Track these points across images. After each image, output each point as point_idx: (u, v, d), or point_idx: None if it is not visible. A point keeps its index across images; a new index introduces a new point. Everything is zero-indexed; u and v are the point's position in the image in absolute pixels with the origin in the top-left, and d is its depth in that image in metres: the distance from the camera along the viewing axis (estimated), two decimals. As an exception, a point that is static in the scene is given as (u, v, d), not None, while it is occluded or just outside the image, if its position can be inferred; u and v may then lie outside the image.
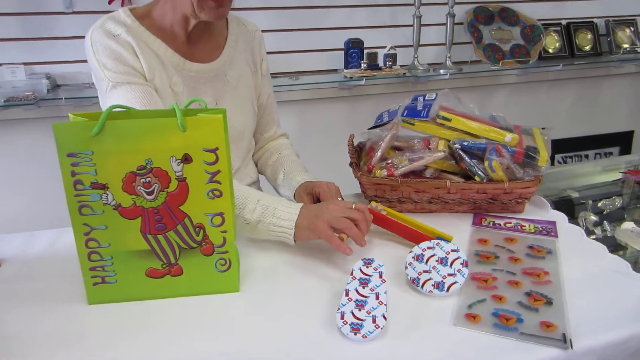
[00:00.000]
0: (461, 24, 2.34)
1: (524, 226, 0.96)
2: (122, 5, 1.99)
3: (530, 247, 0.88)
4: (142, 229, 0.72)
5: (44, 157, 2.08)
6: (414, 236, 0.89)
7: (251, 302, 0.76)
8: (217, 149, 0.70)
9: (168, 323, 0.71)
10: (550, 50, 2.45)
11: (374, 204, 0.98)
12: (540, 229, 0.95)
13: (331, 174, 1.16)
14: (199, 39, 1.02)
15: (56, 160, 0.69)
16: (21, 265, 0.87)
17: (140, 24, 0.97)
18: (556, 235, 0.93)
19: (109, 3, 1.97)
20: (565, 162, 2.72)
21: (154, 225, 0.72)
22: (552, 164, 2.58)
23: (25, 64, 1.98)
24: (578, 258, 0.86)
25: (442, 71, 2.24)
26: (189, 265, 0.75)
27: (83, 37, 1.01)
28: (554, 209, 1.04)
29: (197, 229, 0.73)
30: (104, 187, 0.70)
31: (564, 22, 2.52)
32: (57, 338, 0.69)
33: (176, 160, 0.70)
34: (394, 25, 2.33)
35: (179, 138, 0.69)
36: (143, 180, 0.70)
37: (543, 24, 2.44)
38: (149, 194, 0.71)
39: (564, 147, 2.70)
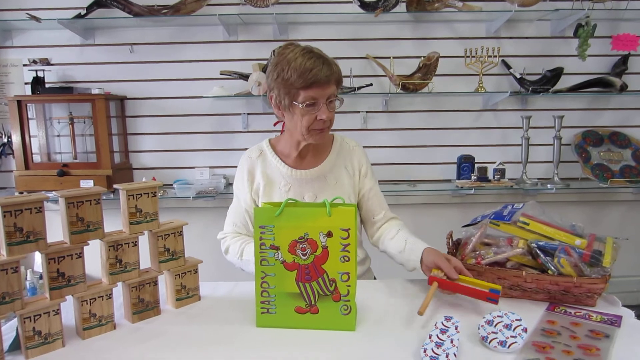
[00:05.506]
0: (569, 145, 2.55)
1: (592, 316, 1.15)
2: (283, 127, 2.64)
3: (591, 330, 1.07)
4: (296, 278, 1.11)
5: (214, 234, 2.70)
6: (471, 292, 1.16)
7: (362, 338, 1.08)
8: (349, 229, 1.08)
9: (305, 345, 1.06)
10: (668, 170, 2.50)
11: (434, 271, 1.23)
12: (606, 319, 1.13)
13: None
14: (307, 153, 1.51)
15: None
16: (213, 301, 1.31)
17: (271, 149, 1.52)
18: (619, 326, 1.10)
19: (274, 125, 2.63)
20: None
21: (304, 277, 1.11)
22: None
23: (210, 167, 2.67)
24: (632, 344, 1.02)
25: (549, 186, 2.43)
26: (323, 307, 1.11)
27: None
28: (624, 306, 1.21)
29: (331, 282, 1.10)
30: (277, 248, 1.12)
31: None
32: (235, 345, 1.07)
33: (323, 234, 1.09)
34: (503, 144, 2.63)
35: (326, 220, 1.09)
36: (301, 246, 1.11)
37: (658, 146, 2.52)
38: (303, 255, 1.11)
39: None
